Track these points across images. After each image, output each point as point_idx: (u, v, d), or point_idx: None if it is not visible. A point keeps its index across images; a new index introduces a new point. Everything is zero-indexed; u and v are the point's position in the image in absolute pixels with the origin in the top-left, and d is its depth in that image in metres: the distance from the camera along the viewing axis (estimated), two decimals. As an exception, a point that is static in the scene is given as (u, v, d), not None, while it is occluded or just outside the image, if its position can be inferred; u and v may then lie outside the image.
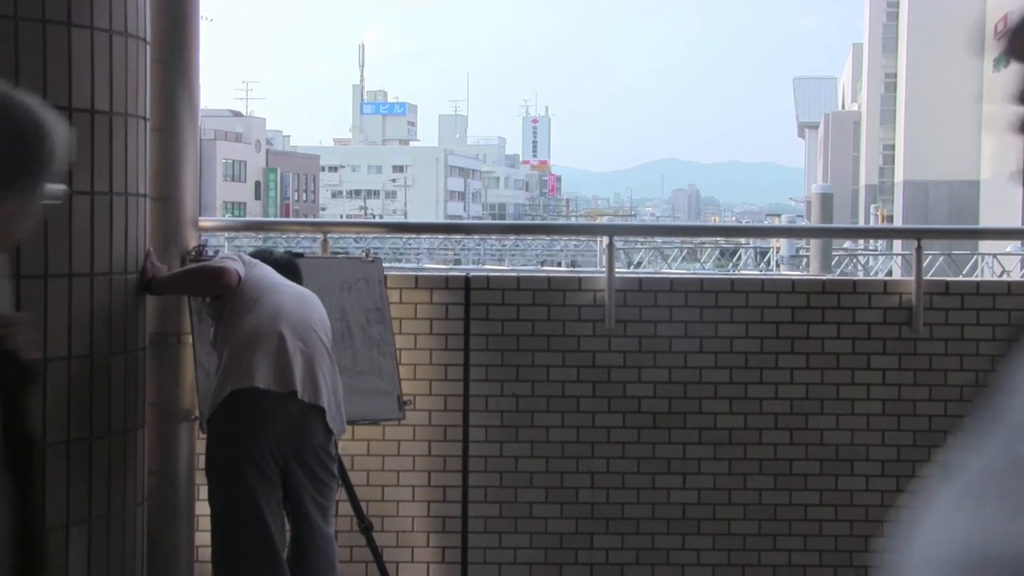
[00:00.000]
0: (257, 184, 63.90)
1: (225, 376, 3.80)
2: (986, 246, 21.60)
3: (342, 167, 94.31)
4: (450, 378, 4.76)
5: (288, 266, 4.19)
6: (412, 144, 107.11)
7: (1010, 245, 21.35)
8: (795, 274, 18.70)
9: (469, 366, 4.76)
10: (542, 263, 33.14)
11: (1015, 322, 4.76)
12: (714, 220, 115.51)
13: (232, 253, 4.09)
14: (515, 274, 6.06)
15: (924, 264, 4.88)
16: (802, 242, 23.50)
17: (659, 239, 27.44)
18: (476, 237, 34.58)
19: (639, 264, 25.60)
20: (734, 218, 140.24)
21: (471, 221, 67.07)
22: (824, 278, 5.25)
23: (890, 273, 23.23)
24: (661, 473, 4.77)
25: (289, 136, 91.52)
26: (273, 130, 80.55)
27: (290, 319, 3.87)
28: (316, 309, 4.03)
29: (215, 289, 3.92)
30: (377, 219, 63.84)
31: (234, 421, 3.76)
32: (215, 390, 3.83)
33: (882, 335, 4.78)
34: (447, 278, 4.86)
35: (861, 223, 48.43)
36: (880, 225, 39.32)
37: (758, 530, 4.78)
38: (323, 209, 77.73)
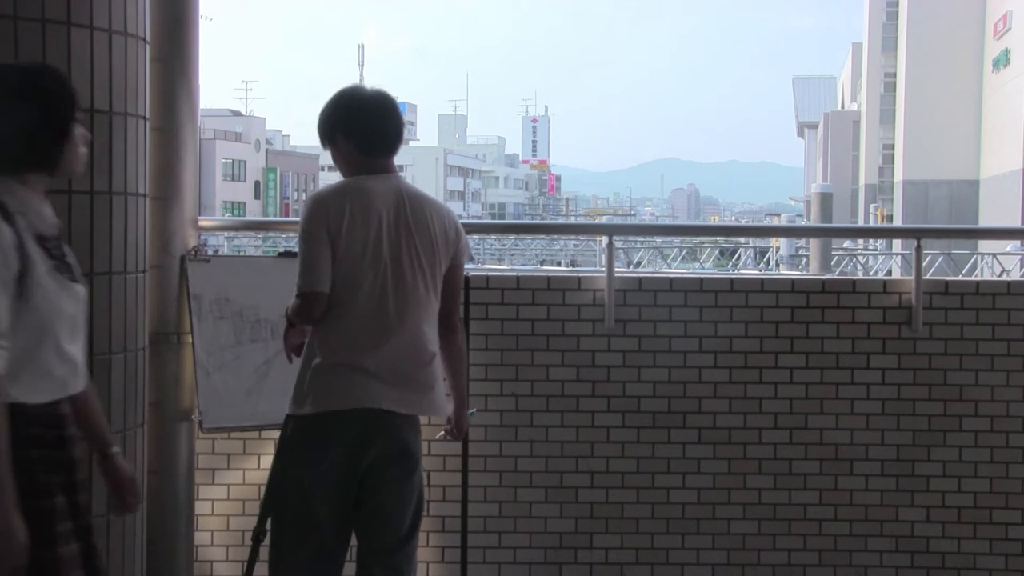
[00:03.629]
0: (257, 183, 63.93)
1: (315, 382, 3.45)
2: (986, 246, 21.61)
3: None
4: (450, 378, 4.75)
5: (380, 110, 3.63)
6: (411, 143, 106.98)
7: (1010, 245, 21.36)
8: (795, 274, 18.71)
9: (468, 366, 4.75)
10: (542, 262, 33.16)
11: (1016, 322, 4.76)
12: (713, 220, 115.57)
13: (315, 234, 3.52)
14: (514, 273, 6.06)
15: (924, 264, 4.88)
16: (801, 242, 23.50)
17: (659, 238, 27.42)
18: (475, 236, 34.54)
19: (639, 263, 25.59)
20: (733, 218, 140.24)
21: (471, 220, 66.97)
22: (824, 278, 5.25)
23: (890, 273, 23.24)
24: (660, 472, 4.77)
25: (289, 135, 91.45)
26: (273, 129, 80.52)
27: (383, 320, 3.48)
28: (415, 265, 3.53)
29: (312, 322, 3.53)
30: (377, 219, 63.58)
31: (307, 441, 3.45)
32: (298, 396, 3.47)
33: (881, 335, 4.78)
34: (447, 278, 4.85)
35: (861, 222, 48.46)
36: (880, 225, 39.35)
37: (757, 529, 4.78)
38: (323, 208, 77.43)
